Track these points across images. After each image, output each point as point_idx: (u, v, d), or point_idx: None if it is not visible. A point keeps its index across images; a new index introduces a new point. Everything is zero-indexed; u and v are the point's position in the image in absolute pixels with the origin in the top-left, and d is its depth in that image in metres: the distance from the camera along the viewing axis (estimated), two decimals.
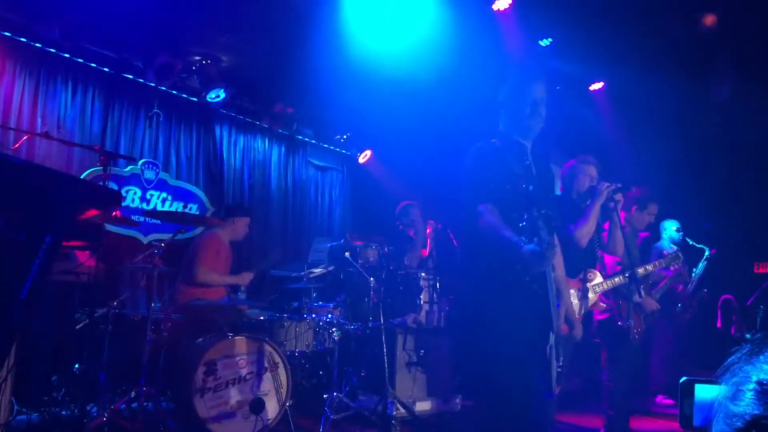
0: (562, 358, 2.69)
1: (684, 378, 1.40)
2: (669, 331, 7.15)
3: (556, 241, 3.05)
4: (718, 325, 6.98)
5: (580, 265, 4.48)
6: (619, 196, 4.51)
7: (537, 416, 2.72)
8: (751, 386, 1.04)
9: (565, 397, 5.89)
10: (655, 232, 6.85)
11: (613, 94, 7.82)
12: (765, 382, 1.03)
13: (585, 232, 4.28)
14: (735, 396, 1.07)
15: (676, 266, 5.30)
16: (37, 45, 5.96)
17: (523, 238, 2.59)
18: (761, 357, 1.06)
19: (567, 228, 4.24)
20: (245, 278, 5.73)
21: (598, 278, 4.67)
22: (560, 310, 2.79)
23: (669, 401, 7.25)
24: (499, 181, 2.76)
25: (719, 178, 8.14)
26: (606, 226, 4.78)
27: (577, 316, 4.45)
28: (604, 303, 4.80)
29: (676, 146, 8.22)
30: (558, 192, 4.72)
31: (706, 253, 7.07)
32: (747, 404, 1.03)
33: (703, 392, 1.35)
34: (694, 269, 7.21)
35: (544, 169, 3.05)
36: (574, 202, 4.62)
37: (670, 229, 7.09)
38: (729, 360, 1.11)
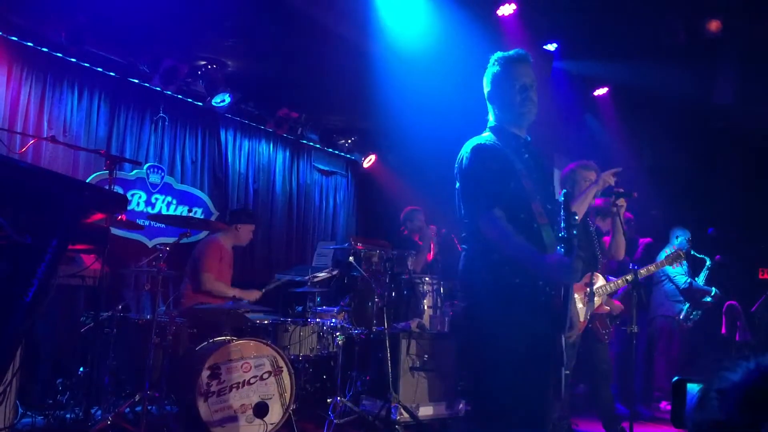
0: (567, 363, 2.66)
1: (676, 377, 1.42)
2: (673, 338, 7.13)
3: None
4: (723, 331, 6.97)
5: (583, 269, 4.48)
6: (621, 201, 4.52)
7: (540, 422, 2.69)
8: (713, 395, 1.11)
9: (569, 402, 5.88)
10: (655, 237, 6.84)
11: (618, 99, 7.83)
12: (724, 390, 1.10)
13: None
14: (700, 403, 1.15)
15: (678, 265, 5.28)
16: (44, 49, 5.98)
17: (560, 248, 2.50)
18: (725, 367, 1.13)
19: None
20: (253, 295, 5.74)
21: (601, 281, 4.67)
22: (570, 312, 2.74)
23: None
24: (503, 180, 2.67)
25: (723, 183, 8.13)
26: (606, 238, 4.80)
27: (581, 320, 4.46)
28: (607, 307, 4.81)
29: (680, 151, 8.21)
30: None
31: (708, 263, 7.06)
32: (709, 411, 1.10)
33: (695, 391, 1.36)
34: (697, 278, 7.20)
35: (541, 162, 2.95)
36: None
37: (683, 238, 7.09)
38: (700, 371, 1.20)
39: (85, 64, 6.33)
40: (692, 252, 7.09)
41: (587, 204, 4.29)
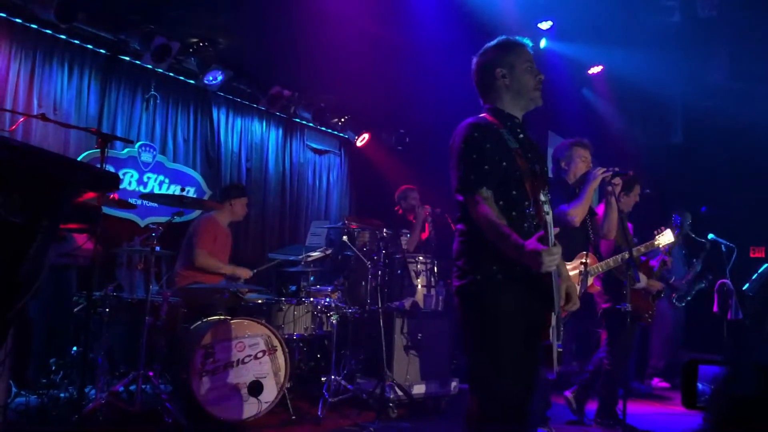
0: (561, 339, 2.67)
1: (687, 359, 1.40)
2: (667, 315, 7.19)
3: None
4: (715, 309, 7.01)
5: (575, 248, 4.49)
6: (617, 180, 4.52)
7: (528, 403, 2.70)
8: (745, 372, 1.08)
9: (563, 380, 5.93)
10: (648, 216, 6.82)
11: (612, 77, 7.80)
12: (761, 367, 1.06)
13: (578, 212, 4.31)
14: (729, 381, 1.09)
15: (667, 246, 5.29)
16: (33, 26, 5.90)
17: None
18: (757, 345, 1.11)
19: (559, 207, 4.24)
20: (243, 273, 5.72)
21: (593, 261, 4.68)
22: (560, 288, 2.73)
23: (665, 384, 7.30)
24: (494, 159, 2.65)
25: (715, 162, 8.15)
26: (598, 210, 4.79)
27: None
28: (598, 286, 4.82)
29: (672, 130, 8.21)
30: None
31: (706, 246, 7.08)
32: (741, 387, 1.06)
33: (706, 373, 1.35)
34: (694, 260, 7.23)
35: (534, 142, 2.93)
36: (564, 182, 4.63)
37: (686, 222, 7.14)
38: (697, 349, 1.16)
39: (75, 41, 6.25)
40: (692, 235, 7.12)
41: (590, 201, 4.36)
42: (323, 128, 8.93)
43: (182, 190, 6.59)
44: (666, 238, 5.11)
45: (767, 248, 7.72)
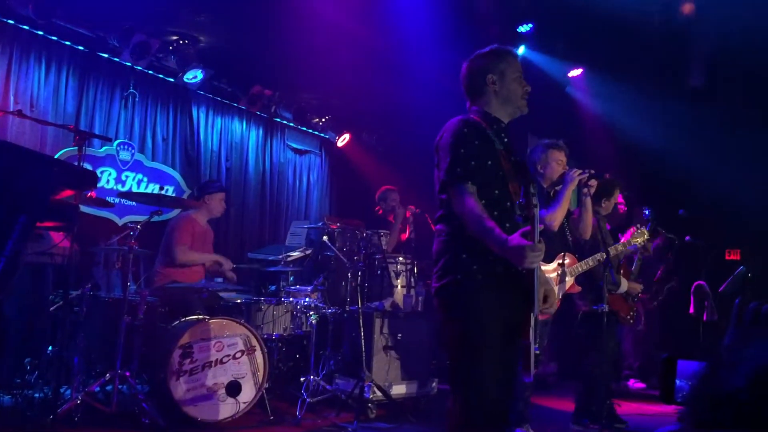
0: (539, 342, 2.68)
1: (666, 354, 1.42)
2: (639, 315, 7.25)
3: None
4: (691, 311, 7.09)
5: (553, 250, 4.53)
6: (592, 182, 4.57)
7: (509, 403, 2.71)
8: (722, 367, 1.08)
9: (541, 381, 5.97)
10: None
11: (592, 80, 7.86)
12: (735, 363, 1.06)
13: (557, 217, 4.36)
14: (707, 376, 1.10)
15: (642, 242, 5.32)
16: (10, 21, 5.83)
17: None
18: (738, 341, 1.11)
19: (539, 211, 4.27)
20: (226, 262, 5.69)
21: (572, 261, 4.71)
22: (539, 291, 2.75)
23: (641, 385, 7.37)
24: (481, 157, 2.67)
25: (691, 165, 8.23)
26: (574, 211, 4.83)
27: (557, 299, 4.50)
28: (578, 287, 4.86)
29: (651, 133, 8.28)
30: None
31: (676, 243, 7.16)
32: (716, 383, 1.06)
33: (684, 368, 1.37)
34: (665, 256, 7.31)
35: (514, 147, 2.96)
36: (539, 185, 4.66)
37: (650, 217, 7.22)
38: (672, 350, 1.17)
39: (53, 38, 6.18)
40: (659, 230, 7.19)
41: (567, 204, 4.40)
42: (304, 128, 8.92)
43: (161, 188, 6.55)
44: (642, 236, 5.16)
45: (743, 251, 7.82)
